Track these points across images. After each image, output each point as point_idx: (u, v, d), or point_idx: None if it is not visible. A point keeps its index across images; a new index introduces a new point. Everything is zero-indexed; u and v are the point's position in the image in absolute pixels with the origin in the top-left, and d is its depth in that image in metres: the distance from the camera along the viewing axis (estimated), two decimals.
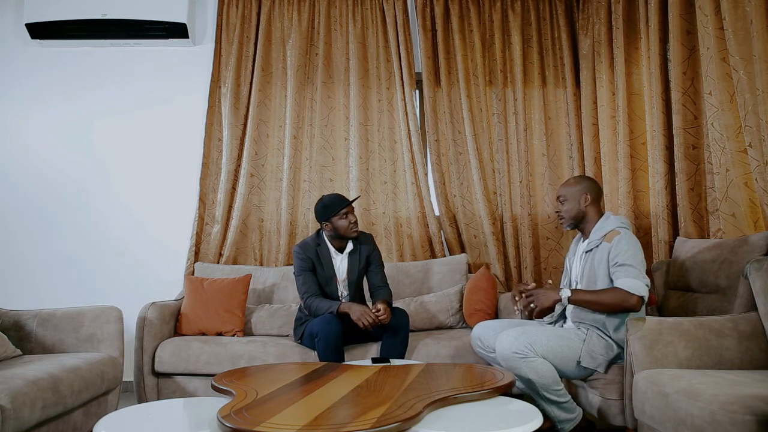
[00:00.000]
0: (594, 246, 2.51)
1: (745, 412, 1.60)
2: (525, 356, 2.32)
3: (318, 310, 2.94)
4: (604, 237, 2.49)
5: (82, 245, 3.88)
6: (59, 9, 3.70)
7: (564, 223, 2.67)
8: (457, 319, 3.44)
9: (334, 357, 2.76)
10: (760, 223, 2.56)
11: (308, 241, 3.12)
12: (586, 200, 2.60)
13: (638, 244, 2.44)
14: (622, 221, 2.54)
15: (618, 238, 2.43)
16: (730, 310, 2.33)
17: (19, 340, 2.74)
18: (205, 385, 2.99)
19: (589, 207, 2.60)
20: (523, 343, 2.33)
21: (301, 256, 3.05)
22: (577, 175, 2.92)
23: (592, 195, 2.60)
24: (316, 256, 3.07)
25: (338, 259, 3.11)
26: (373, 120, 3.98)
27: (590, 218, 2.61)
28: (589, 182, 2.65)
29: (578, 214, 2.61)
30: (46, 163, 3.93)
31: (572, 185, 2.65)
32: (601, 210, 2.63)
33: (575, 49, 4.02)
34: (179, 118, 3.97)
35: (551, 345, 2.37)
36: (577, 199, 2.61)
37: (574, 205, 2.61)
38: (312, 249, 3.07)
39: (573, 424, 2.40)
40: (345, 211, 3.01)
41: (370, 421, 1.61)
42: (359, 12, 4.00)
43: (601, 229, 2.53)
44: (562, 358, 2.38)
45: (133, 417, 1.93)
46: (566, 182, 2.70)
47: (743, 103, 2.50)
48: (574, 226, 2.66)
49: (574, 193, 2.62)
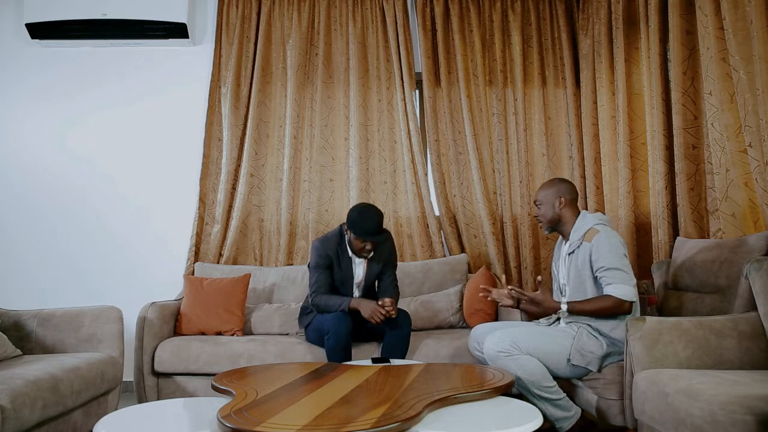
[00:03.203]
0: (575, 247, 2.53)
1: (745, 412, 1.60)
2: (509, 354, 2.36)
3: (328, 307, 2.91)
4: (583, 237, 2.51)
5: (82, 245, 3.88)
6: (59, 9, 3.69)
7: (543, 227, 2.70)
8: (457, 319, 3.44)
9: (341, 355, 2.78)
10: (760, 223, 2.56)
11: (330, 237, 3.04)
12: (561, 203, 2.61)
13: (618, 240, 2.46)
14: (599, 218, 2.56)
15: (597, 237, 2.45)
16: (730, 310, 2.33)
17: (19, 340, 2.74)
18: (205, 385, 2.99)
19: (565, 210, 2.61)
20: (507, 341, 2.37)
21: (321, 252, 2.99)
22: (551, 178, 2.91)
23: (566, 198, 2.61)
24: (336, 254, 3.01)
25: (357, 262, 3.06)
26: (373, 120, 3.98)
27: (567, 220, 2.62)
28: (562, 185, 2.66)
29: (554, 217, 2.63)
30: (46, 163, 3.92)
31: (546, 188, 2.67)
32: (577, 210, 2.64)
33: (575, 49, 4.02)
34: (179, 118, 3.97)
35: (537, 342, 2.40)
36: (551, 202, 2.63)
37: (549, 209, 2.64)
38: (333, 247, 3.01)
39: (571, 423, 2.40)
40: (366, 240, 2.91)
41: (370, 421, 1.61)
42: (359, 12, 4.00)
43: (580, 229, 2.55)
44: (551, 354, 2.40)
45: (133, 417, 1.92)
46: (541, 186, 2.73)
47: (743, 103, 2.50)
48: (552, 230, 2.68)
49: (548, 197, 2.64)
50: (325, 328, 2.83)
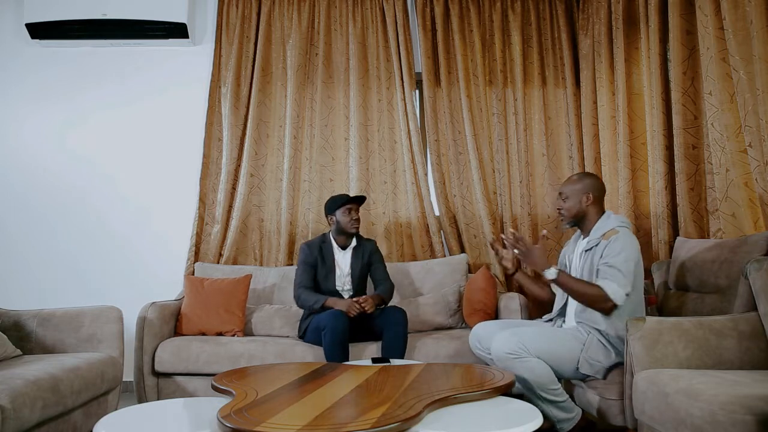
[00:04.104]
0: (593, 245, 2.50)
1: (745, 412, 1.60)
2: (518, 356, 2.33)
3: (305, 302, 3.12)
4: (603, 236, 2.48)
5: (82, 245, 3.88)
6: (59, 9, 3.70)
7: (564, 221, 2.65)
8: (456, 320, 3.44)
9: (339, 352, 2.79)
10: (760, 223, 2.55)
11: (314, 240, 3.33)
12: (588, 199, 2.57)
13: (635, 245, 2.43)
14: (623, 220, 2.53)
15: (615, 236, 2.42)
16: (730, 310, 2.33)
17: (19, 340, 2.74)
18: (205, 385, 2.99)
19: (591, 206, 2.57)
20: (515, 343, 2.34)
21: (305, 251, 3.25)
22: (581, 173, 2.88)
23: (594, 194, 2.57)
24: (320, 252, 3.25)
25: (341, 254, 3.27)
26: (373, 120, 3.98)
27: (591, 217, 2.58)
28: (592, 180, 2.61)
29: (579, 212, 2.59)
30: (46, 163, 3.93)
31: (575, 183, 2.61)
32: (602, 209, 2.61)
33: (575, 49, 4.02)
34: (179, 118, 3.98)
35: (546, 345, 2.37)
36: (578, 197, 2.58)
37: (575, 204, 2.58)
38: (316, 246, 3.27)
39: (572, 424, 2.40)
40: (349, 207, 3.20)
41: (370, 421, 1.61)
42: (359, 12, 4.00)
43: (601, 228, 2.52)
44: (558, 358, 2.37)
45: (133, 417, 1.92)
46: (569, 179, 2.67)
47: (743, 103, 2.50)
48: (573, 224, 2.64)
49: (576, 192, 2.59)
50: (321, 324, 2.88)
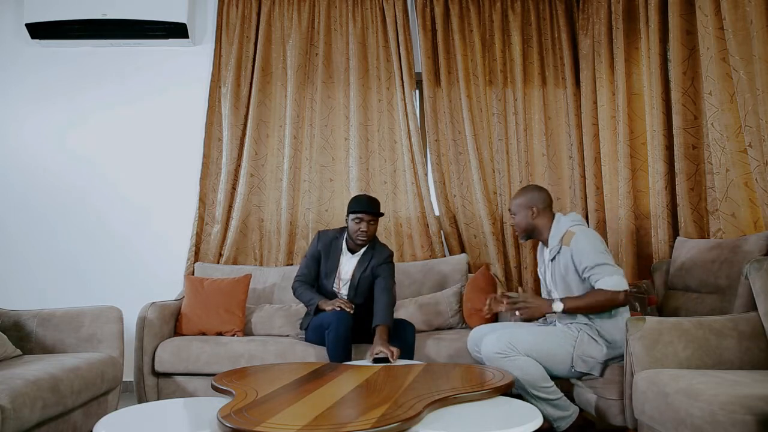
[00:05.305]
0: (556, 252, 2.54)
1: (745, 412, 1.60)
2: (507, 355, 2.36)
3: (300, 296, 3.09)
4: (561, 241, 2.51)
5: (82, 245, 3.88)
6: (59, 9, 3.69)
7: (519, 236, 2.70)
8: (457, 320, 3.44)
9: (342, 350, 2.77)
10: (760, 223, 2.55)
11: (330, 232, 3.19)
12: (534, 213, 2.60)
13: (595, 236, 2.46)
14: (573, 219, 2.56)
15: (575, 239, 2.45)
16: (730, 310, 2.33)
17: (19, 340, 2.74)
18: (205, 385, 2.99)
19: (538, 218, 2.61)
20: (504, 342, 2.37)
21: (315, 241, 3.17)
22: (525, 186, 2.83)
23: (539, 207, 2.60)
24: (328, 246, 3.13)
25: (346, 258, 3.13)
26: (373, 120, 3.98)
27: (542, 228, 2.61)
28: (534, 193, 2.63)
29: (528, 226, 2.63)
30: (46, 163, 3.92)
31: (518, 197, 2.66)
32: (552, 215, 2.62)
33: (575, 49, 4.02)
34: (179, 118, 3.97)
35: (535, 343, 2.40)
36: (525, 213, 2.62)
37: (523, 219, 2.63)
38: (328, 239, 3.14)
39: (568, 422, 2.40)
40: (359, 216, 3.00)
41: (370, 421, 1.61)
42: (359, 12, 4.00)
43: (557, 235, 2.55)
44: (550, 356, 2.39)
45: (133, 417, 1.92)
46: (515, 194, 2.71)
47: (743, 103, 2.50)
48: (528, 237, 2.68)
49: (521, 207, 2.63)
50: (325, 323, 2.85)
